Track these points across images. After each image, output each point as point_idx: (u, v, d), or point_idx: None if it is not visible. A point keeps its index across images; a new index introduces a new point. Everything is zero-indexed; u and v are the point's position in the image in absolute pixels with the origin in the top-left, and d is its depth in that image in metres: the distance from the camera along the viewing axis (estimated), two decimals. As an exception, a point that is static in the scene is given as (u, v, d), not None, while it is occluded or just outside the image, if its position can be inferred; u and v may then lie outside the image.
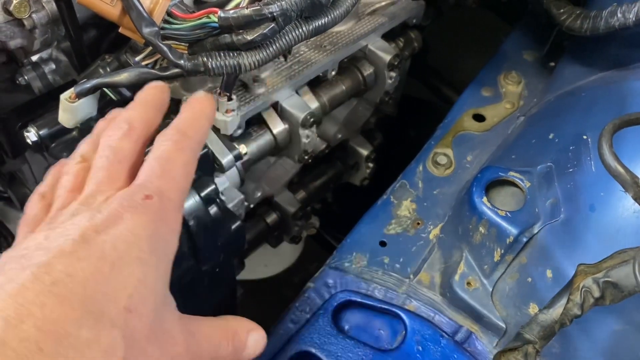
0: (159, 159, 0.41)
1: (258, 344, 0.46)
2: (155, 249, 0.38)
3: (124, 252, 0.36)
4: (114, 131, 0.44)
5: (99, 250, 0.35)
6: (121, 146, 0.43)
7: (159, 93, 0.48)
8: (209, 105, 0.47)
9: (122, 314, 0.35)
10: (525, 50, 0.92)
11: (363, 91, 0.82)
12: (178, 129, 0.44)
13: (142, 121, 0.45)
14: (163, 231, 0.39)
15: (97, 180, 0.41)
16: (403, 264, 0.70)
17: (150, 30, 0.49)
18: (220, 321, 0.45)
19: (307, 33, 0.57)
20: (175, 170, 0.42)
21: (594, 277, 0.49)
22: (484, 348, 0.63)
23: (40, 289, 0.32)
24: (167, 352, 0.38)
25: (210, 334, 0.43)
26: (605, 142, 0.43)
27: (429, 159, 0.79)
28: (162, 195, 0.40)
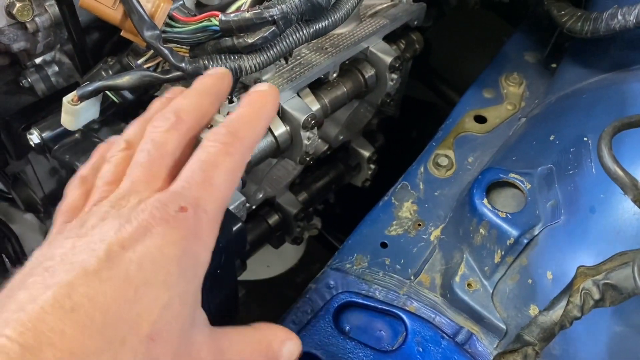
0: (203, 162, 0.38)
1: (292, 355, 0.44)
2: (184, 271, 0.35)
3: (151, 275, 0.34)
4: (160, 122, 0.40)
5: (123, 270, 0.33)
6: (165, 139, 0.39)
7: (219, 81, 0.43)
8: (271, 101, 0.42)
9: (145, 343, 0.33)
10: (526, 52, 0.92)
11: (364, 93, 0.82)
12: (231, 128, 0.40)
13: (193, 113, 0.41)
14: (195, 249, 0.36)
15: (133, 177, 0.38)
16: (404, 265, 0.70)
17: (151, 33, 0.50)
18: (252, 332, 0.42)
19: (307, 36, 0.57)
20: (218, 178, 0.38)
21: (593, 279, 0.49)
22: (485, 349, 0.63)
23: (60, 315, 0.31)
24: None
25: (241, 349, 0.41)
26: (605, 145, 0.43)
27: (430, 161, 0.79)
28: (198, 207, 0.36)
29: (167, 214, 0.35)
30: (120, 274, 0.33)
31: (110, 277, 0.33)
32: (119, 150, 0.41)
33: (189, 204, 0.36)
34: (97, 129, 0.58)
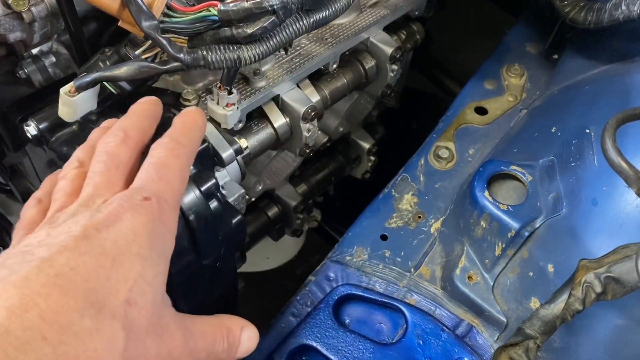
0: (156, 164, 0.43)
1: (251, 341, 0.48)
2: (154, 247, 0.39)
3: (125, 248, 0.37)
4: (110, 138, 0.45)
5: (100, 245, 0.36)
6: (118, 152, 0.44)
7: (153, 105, 0.49)
8: (199, 117, 0.49)
9: (123, 306, 0.36)
10: (528, 43, 0.91)
11: (365, 84, 0.81)
12: (172, 137, 0.45)
13: (138, 129, 0.46)
14: (161, 230, 0.40)
15: (95, 183, 0.42)
16: (404, 258, 0.70)
17: (149, 23, 0.49)
18: (214, 319, 0.46)
19: (308, 26, 0.56)
20: (171, 175, 0.43)
21: (596, 272, 0.49)
22: (485, 342, 0.63)
23: (44, 280, 0.33)
24: (165, 345, 0.39)
25: (205, 331, 0.44)
26: (609, 137, 0.43)
27: (431, 153, 0.79)
28: (159, 197, 0.41)
29: (133, 203, 0.39)
30: (98, 249, 0.36)
31: (89, 251, 0.36)
32: (72, 169, 0.45)
33: (152, 195, 0.40)
34: (94, 121, 0.57)
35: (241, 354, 0.47)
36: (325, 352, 0.61)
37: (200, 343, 0.43)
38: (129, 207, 0.39)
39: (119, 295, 0.36)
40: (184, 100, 0.61)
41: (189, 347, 0.41)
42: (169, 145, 0.44)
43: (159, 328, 0.39)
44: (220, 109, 0.59)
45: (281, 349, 0.62)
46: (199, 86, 0.66)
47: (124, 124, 0.46)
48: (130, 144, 0.45)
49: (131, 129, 0.46)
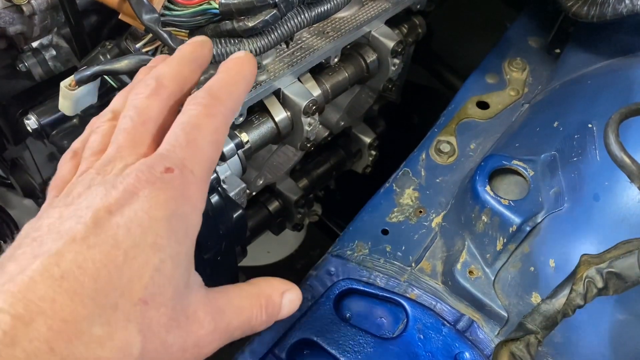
0: (186, 125, 0.37)
1: (293, 303, 0.44)
2: (174, 232, 0.35)
3: (139, 238, 0.33)
4: (141, 88, 0.40)
5: (111, 235, 0.33)
6: (146, 105, 0.39)
7: (199, 48, 0.43)
8: (248, 67, 0.43)
9: (138, 307, 0.33)
10: (530, 37, 0.91)
11: (366, 78, 0.81)
12: (210, 91, 0.40)
13: (174, 79, 0.41)
14: (184, 210, 0.36)
15: (118, 143, 0.37)
16: (405, 252, 0.69)
17: (150, 16, 0.49)
18: (250, 288, 0.42)
19: (309, 19, 0.56)
20: (202, 139, 0.38)
21: (597, 268, 0.49)
22: (486, 337, 0.63)
23: (49, 283, 0.31)
24: (191, 336, 0.36)
25: (240, 307, 0.40)
26: (612, 132, 0.43)
27: (432, 147, 0.78)
28: (184, 167, 0.36)
29: (152, 176, 0.35)
30: (108, 239, 0.33)
31: (98, 243, 0.32)
32: (105, 121, 0.41)
33: (175, 165, 0.36)
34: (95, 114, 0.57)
35: (282, 317, 0.44)
36: (326, 346, 0.61)
37: (235, 322, 0.39)
38: (147, 181, 0.34)
39: (134, 295, 0.32)
40: (184, 94, 0.61)
41: (220, 329, 0.38)
42: (204, 101, 0.39)
43: (183, 321, 0.35)
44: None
45: (282, 343, 0.62)
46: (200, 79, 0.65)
47: (160, 72, 0.41)
48: (163, 95, 0.39)
49: (166, 77, 0.40)
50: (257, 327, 0.41)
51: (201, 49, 0.44)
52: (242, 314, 0.40)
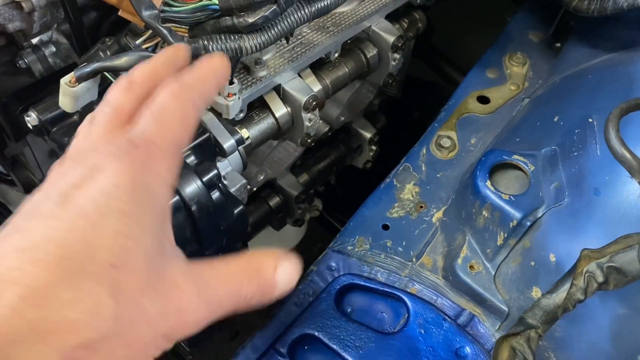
0: (153, 106, 0.39)
1: (290, 277, 0.41)
2: (138, 199, 0.36)
3: (104, 206, 0.34)
4: (116, 86, 0.42)
5: (78, 207, 0.34)
6: (117, 99, 0.41)
7: (174, 51, 0.46)
8: (220, 65, 0.44)
9: (107, 271, 0.33)
10: (530, 31, 0.91)
11: (366, 73, 0.81)
12: (180, 80, 0.41)
13: (146, 75, 0.42)
14: (148, 180, 0.37)
15: (92, 137, 0.39)
16: (406, 247, 0.70)
17: (150, 13, 0.49)
18: (240, 259, 0.41)
19: (309, 15, 0.56)
20: (169, 118, 0.39)
21: (597, 262, 0.49)
22: (487, 331, 0.63)
23: (19, 255, 0.32)
24: (172, 302, 0.36)
25: (226, 276, 0.39)
26: (612, 127, 0.43)
27: (433, 142, 0.78)
28: (149, 142, 0.38)
29: (118, 151, 0.37)
30: (75, 211, 0.34)
31: (66, 215, 0.34)
32: (103, 113, 0.42)
33: (140, 140, 0.37)
34: (95, 111, 0.57)
35: (280, 292, 0.41)
36: (327, 342, 0.62)
37: (221, 291, 0.39)
38: (110, 155, 0.36)
39: (102, 259, 0.33)
40: (185, 90, 0.61)
41: (205, 297, 0.38)
42: (173, 89, 0.40)
43: (160, 286, 0.36)
44: (222, 99, 0.59)
45: (283, 338, 0.62)
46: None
47: (133, 71, 0.43)
48: (135, 90, 0.41)
49: (138, 74, 0.42)
50: (249, 298, 0.40)
51: (176, 51, 0.46)
52: (229, 284, 0.39)
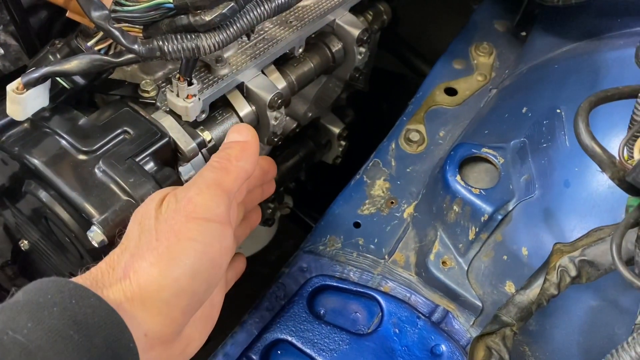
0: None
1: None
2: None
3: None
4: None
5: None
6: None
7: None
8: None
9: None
10: (496, 20, 0.90)
11: (332, 68, 0.79)
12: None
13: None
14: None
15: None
16: (378, 245, 0.69)
17: (100, 13, 0.46)
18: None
19: (270, 11, 0.54)
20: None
21: (570, 256, 0.49)
22: (461, 327, 0.62)
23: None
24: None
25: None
26: (582, 121, 0.42)
27: (401, 136, 0.77)
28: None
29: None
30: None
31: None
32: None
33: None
34: (48, 118, 0.54)
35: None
36: (301, 346, 0.60)
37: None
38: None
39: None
40: (142, 92, 0.58)
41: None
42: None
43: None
44: (181, 100, 0.56)
45: (256, 345, 0.61)
46: (158, 75, 0.63)
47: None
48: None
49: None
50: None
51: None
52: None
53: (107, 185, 0.50)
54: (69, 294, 0.38)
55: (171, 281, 0.42)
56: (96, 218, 0.49)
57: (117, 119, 0.55)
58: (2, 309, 0.37)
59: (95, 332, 0.38)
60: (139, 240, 0.44)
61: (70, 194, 0.50)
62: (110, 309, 0.39)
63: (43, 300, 0.38)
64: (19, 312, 0.37)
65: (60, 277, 0.40)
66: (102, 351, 0.38)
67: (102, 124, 0.54)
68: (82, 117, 0.55)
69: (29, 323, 0.36)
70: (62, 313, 0.37)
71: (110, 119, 0.55)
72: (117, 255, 0.44)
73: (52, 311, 0.37)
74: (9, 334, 0.35)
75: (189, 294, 0.44)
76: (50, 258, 0.64)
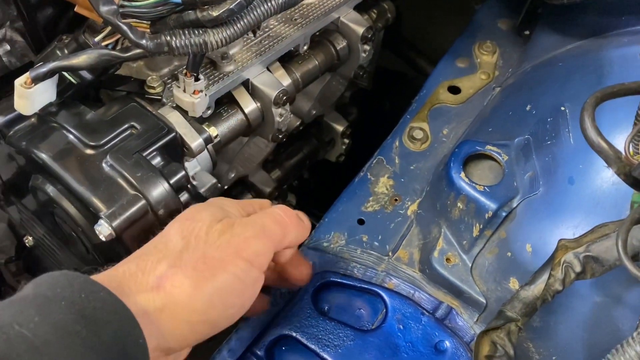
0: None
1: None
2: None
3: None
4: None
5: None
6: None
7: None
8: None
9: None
10: (499, 19, 0.90)
11: (337, 65, 0.80)
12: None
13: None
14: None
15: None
16: (382, 242, 0.69)
17: (108, 8, 0.46)
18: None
19: (276, 7, 0.54)
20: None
21: (575, 252, 0.49)
22: (465, 324, 0.62)
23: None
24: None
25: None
26: (588, 117, 0.42)
27: (405, 134, 0.78)
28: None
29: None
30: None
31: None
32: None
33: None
34: (55, 113, 0.54)
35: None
36: (305, 342, 0.60)
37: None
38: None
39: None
40: (148, 88, 0.59)
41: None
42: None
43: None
44: (187, 96, 0.57)
45: (261, 340, 0.61)
46: (164, 72, 0.63)
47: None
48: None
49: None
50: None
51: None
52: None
53: (115, 179, 0.51)
54: (79, 287, 0.38)
55: (205, 308, 0.44)
56: (104, 212, 0.49)
57: (124, 114, 0.55)
58: (11, 302, 0.37)
59: (104, 327, 0.38)
60: (181, 255, 0.45)
61: (78, 188, 0.50)
62: (120, 304, 0.39)
63: (52, 294, 0.38)
64: (27, 306, 0.37)
65: (71, 271, 0.40)
66: (110, 346, 0.38)
67: (109, 119, 0.55)
68: (89, 112, 0.55)
69: (36, 317, 0.36)
70: (70, 307, 0.37)
71: (118, 114, 0.55)
72: (151, 262, 0.44)
73: (60, 305, 0.37)
74: (15, 328, 0.35)
75: (212, 323, 0.46)
76: (55, 254, 0.64)
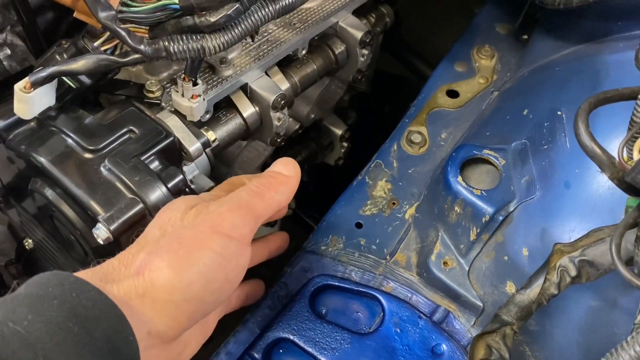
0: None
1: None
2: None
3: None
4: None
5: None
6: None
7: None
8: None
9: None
10: (498, 23, 0.91)
11: (335, 70, 0.80)
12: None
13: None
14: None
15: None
16: (379, 245, 0.69)
17: (107, 14, 0.47)
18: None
19: (274, 12, 0.55)
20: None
21: (570, 256, 0.49)
22: (462, 327, 0.63)
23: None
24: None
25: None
26: (582, 122, 0.43)
27: (403, 138, 0.78)
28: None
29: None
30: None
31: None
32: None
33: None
34: (54, 117, 0.55)
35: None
36: (303, 345, 0.61)
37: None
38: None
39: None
40: (147, 92, 0.59)
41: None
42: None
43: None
44: (185, 100, 0.57)
45: (258, 343, 0.61)
46: (163, 76, 0.64)
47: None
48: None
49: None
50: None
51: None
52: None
53: (113, 183, 0.51)
54: (70, 287, 0.39)
55: (185, 285, 0.43)
56: (102, 216, 0.49)
57: (123, 118, 0.55)
58: (4, 302, 0.38)
59: (95, 325, 0.38)
60: (158, 242, 0.45)
61: (76, 192, 0.50)
62: (110, 303, 0.40)
63: (43, 293, 0.38)
64: (19, 305, 0.38)
65: (61, 271, 0.40)
66: (101, 343, 0.38)
67: (107, 123, 0.55)
68: (88, 117, 0.55)
69: (29, 315, 0.37)
70: (61, 305, 0.38)
71: (116, 118, 0.56)
72: (131, 254, 0.45)
73: (52, 304, 0.38)
74: (9, 326, 0.36)
75: (199, 301, 0.45)
76: (55, 257, 0.65)
